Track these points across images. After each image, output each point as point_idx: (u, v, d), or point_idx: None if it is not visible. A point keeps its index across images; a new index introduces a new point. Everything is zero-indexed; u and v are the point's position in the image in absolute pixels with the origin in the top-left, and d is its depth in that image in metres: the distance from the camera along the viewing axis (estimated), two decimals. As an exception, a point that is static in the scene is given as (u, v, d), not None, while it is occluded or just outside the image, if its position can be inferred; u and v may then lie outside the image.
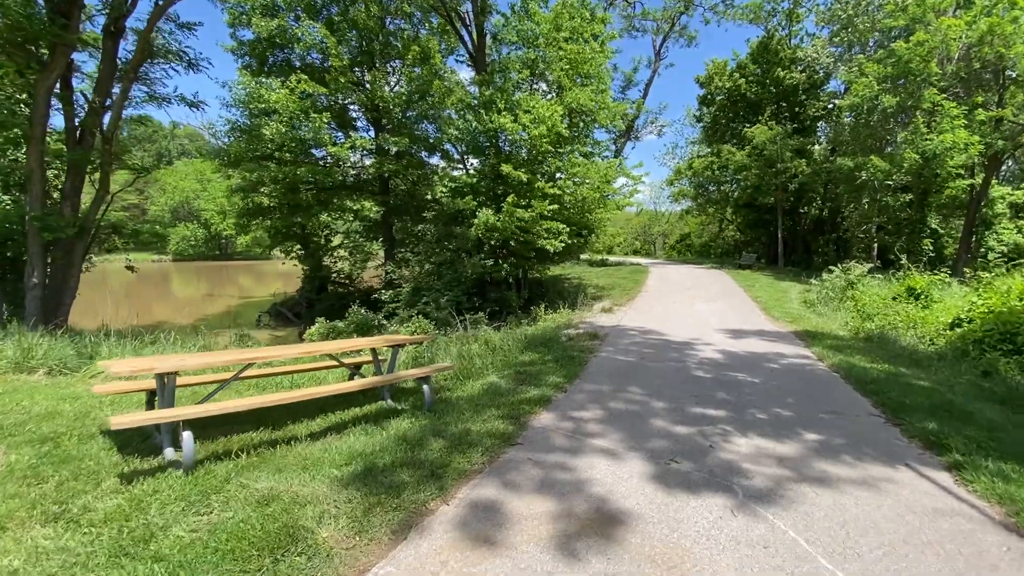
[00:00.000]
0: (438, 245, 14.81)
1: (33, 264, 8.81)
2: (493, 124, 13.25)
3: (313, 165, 16.00)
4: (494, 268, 13.93)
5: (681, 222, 57.55)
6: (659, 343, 8.99)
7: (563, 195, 14.10)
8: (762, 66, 27.51)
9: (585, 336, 9.43)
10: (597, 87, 15.43)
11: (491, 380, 6.26)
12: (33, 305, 9.05)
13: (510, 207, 13.04)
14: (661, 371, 6.91)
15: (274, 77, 15.81)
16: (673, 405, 5.39)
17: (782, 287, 18.56)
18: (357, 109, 18.43)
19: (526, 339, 8.92)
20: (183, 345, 7.73)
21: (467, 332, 9.43)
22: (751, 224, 31.71)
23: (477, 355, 7.24)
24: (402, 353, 7.03)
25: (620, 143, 30.65)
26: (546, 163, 14.28)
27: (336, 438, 4.38)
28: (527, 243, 13.81)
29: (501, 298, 14.63)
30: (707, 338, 9.52)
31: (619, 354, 8.00)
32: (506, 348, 8.02)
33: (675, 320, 11.61)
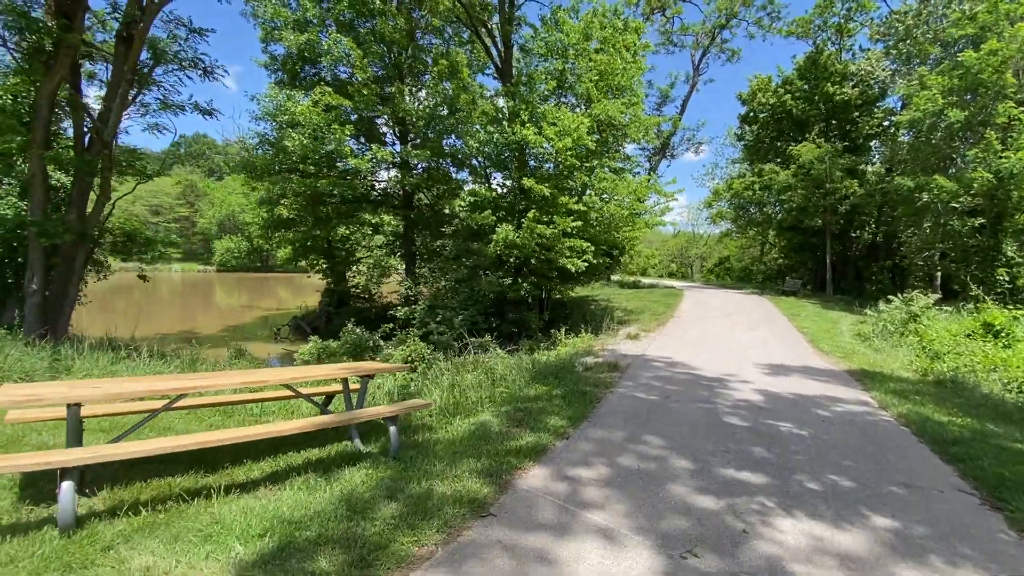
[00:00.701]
0: (455, 261, 14.14)
1: (33, 270, 8.59)
2: (516, 136, 12.58)
3: (335, 178, 15.72)
4: (512, 287, 13.11)
5: (720, 245, 55.50)
6: (687, 378, 7.88)
7: (589, 212, 13.22)
8: (810, 81, 26.04)
9: (604, 367, 8.42)
10: (629, 100, 14.60)
11: (483, 419, 5.37)
12: (32, 312, 8.80)
13: (531, 223, 12.25)
14: (687, 415, 5.85)
15: (302, 91, 15.72)
16: (698, 464, 4.36)
17: (831, 317, 16.92)
18: (384, 123, 18.20)
19: (535, 368, 7.99)
20: (165, 360, 7.20)
21: (472, 356, 8.59)
22: (796, 248, 29.81)
23: (472, 387, 6.36)
24: (386, 383, 6.24)
25: (655, 160, 29.57)
26: (572, 178, 13.47)
27: (271, 491, 3.59)
28: (549, 262, 12.95)
29: (520, 319, 13.77)
30: (744, 374, 8.34)
31: (639, 390, 6.97)
32: (510, 379, 7.12)
33: (708, 351, 10.42)
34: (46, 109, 7.87)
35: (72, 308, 9.20)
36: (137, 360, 6.82)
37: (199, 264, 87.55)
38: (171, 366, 6.87)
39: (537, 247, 12.61)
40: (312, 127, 14.85)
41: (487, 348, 9.46)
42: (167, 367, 6.77)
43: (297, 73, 17.93)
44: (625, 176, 14.70)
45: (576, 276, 14.32)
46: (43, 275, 8.68)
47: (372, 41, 15.53)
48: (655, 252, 74.08)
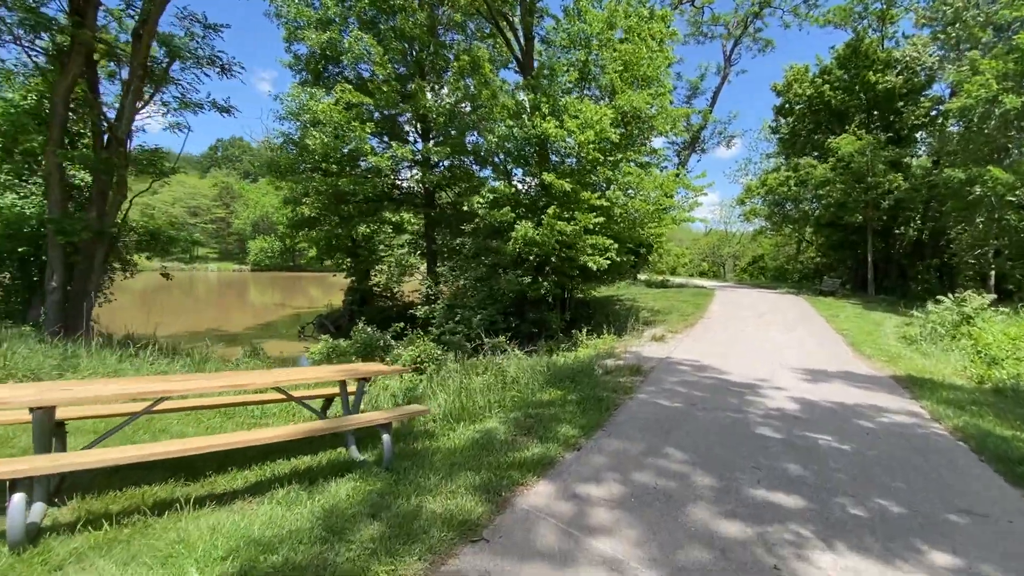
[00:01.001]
0: (474, 260, 13.84)
1: (52, 268, 8.69)
2: (536, 130, 12.18)
3: (356, 176, 15.65)
4: (532, 286, 12.71)
5: (753, 243, 53.78)
6: (715, 384, 7.34)
7: (612, 207, 12.70)
8: (850, 70, 24.71)
9: (625, 370, 7.95)
10: (655, 91, 13.99)
11: (489, 426, 5.02)
12: (53, 309, 8.92)
13: (550, 220, 11.83)
14: (714, 425, 5.36)
15: (324, 90, 15.71)
16: (724, 482, 3.90)
17: (874, 318, 15.90)
18: (406, 120, 18.07)
19: (551, 371, 7.59)
20: (173, 359, 7.11)
21: (486, 357, 8.26)
22: (834, 246, 28.41)
23: (482, 390, 6.02)
24: (392, 385, 5.95)
25: (684, 155, 28.62)
26: (595, 173, 12.98)
27: (249, 504, 3.32)
28: (570, 260, 12.51)
29: (540, 319, 13.36)
30: (778, 379, 7.73)
31: (662, 397, 6.49)
32: (523, 382, 6.75)
33: (739, 354, 9.80)
34: (61, 107, 7.95)
35: (92, 305, 9.30)
36: (144, 358, 6.74)
37: (234, 264, 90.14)
38: (177, 365, 6.77)
39: (557, 244, 12.18)
40: (333, 125, 14.80)
41: (502, 349, 9.10)
42: (172, 366, 6.67)
43: (320, 73, 17.97)
44: (651, 170, 14.09)
45: (598, 275, 13.83)
46: (63, 273, 8.78)
47: (392, 38, 15.40)
48: (685, 251, 72.45)
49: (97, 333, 11.94)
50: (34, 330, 9.17)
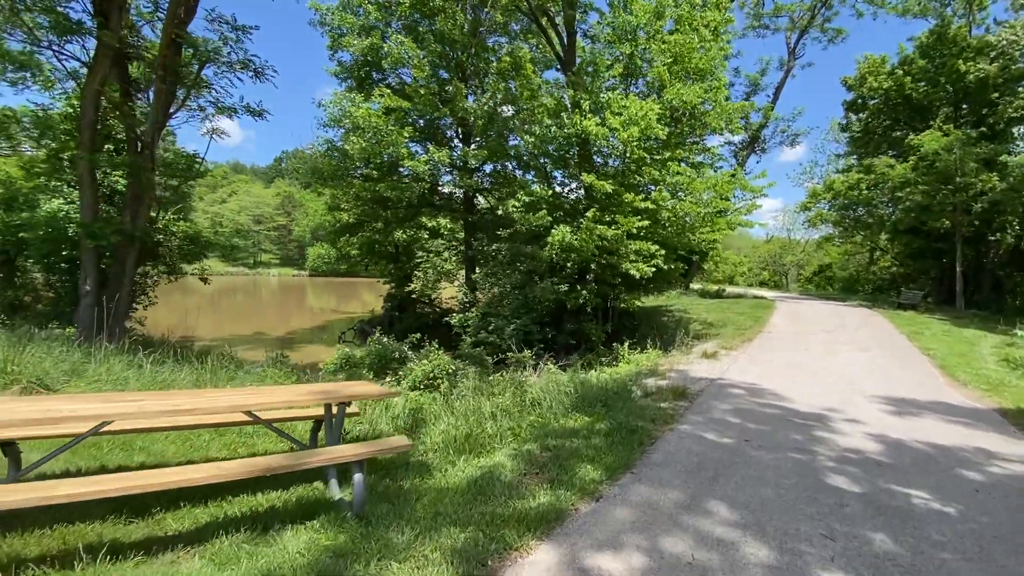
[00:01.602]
0: (509, 267, 13.19)
1: (86, 271, 8.79)
2: (576, 129, 11.41)
3: (395, 182, 15.44)
4: (570, 295, 11.88)
5: (819, 251, 50.19)
6: (775, 415, 6.26)
7: (659, 210, 11.67)
8: (935, 59, 22.25)
9: (668, 393, 7.00)
10: (709, 85, 12.87)
11: (495, 461, 4.29)
12: (86, 313, 9.02)
13: (589, 223, 10.98)
14: (772, 471, 4.38)
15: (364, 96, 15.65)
16: (785, 557, 2.98)
17: (966, 337, 13.88)
18: (447, 125, 17.76)
19: (581, 391, 6.76)
20: (184, 367, 6.86)
21: (510, 372, 7.54)
22: (915, 254, 25.63)
23: (495, 415, 5.30)
24: (396, 406, 5.34)
25: (742, 155, 26.75)
26: (640, 173, 12.02)
27: (181, 556, 2.75)
28: (611, 267, 11.60)
29: (579, 330, 12.49)
30: (853, 410, 6.54)
31: (709, 429, 5.52)
32: (546, 404, 5.97)
33: (804, 377, 8.55)
34: (91, 111, 8.03)
35: (126, 309, 9.37)
36: (147, 367, 6.50)
37: (294, 269, 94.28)
38: (183, 374, 6.49)
39: (597, 250, 11.31)
40: (372, 130, 14.63)
41: (525, 364, 8.35)
42: (178, 375, 6.40)
43: (364, 80, 18.00)
44: (704, 171, 12.93)
45: (644, 283, 12.82)
46: (95, 276, 8.87)
47: (431, 40, 15.11)
48: (744, 259, 68.89)
49: (130, 337, 12.24)
50: (74, 333, 9.37)
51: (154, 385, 5.93)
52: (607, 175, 12.61)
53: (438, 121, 17.25)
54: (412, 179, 15.56)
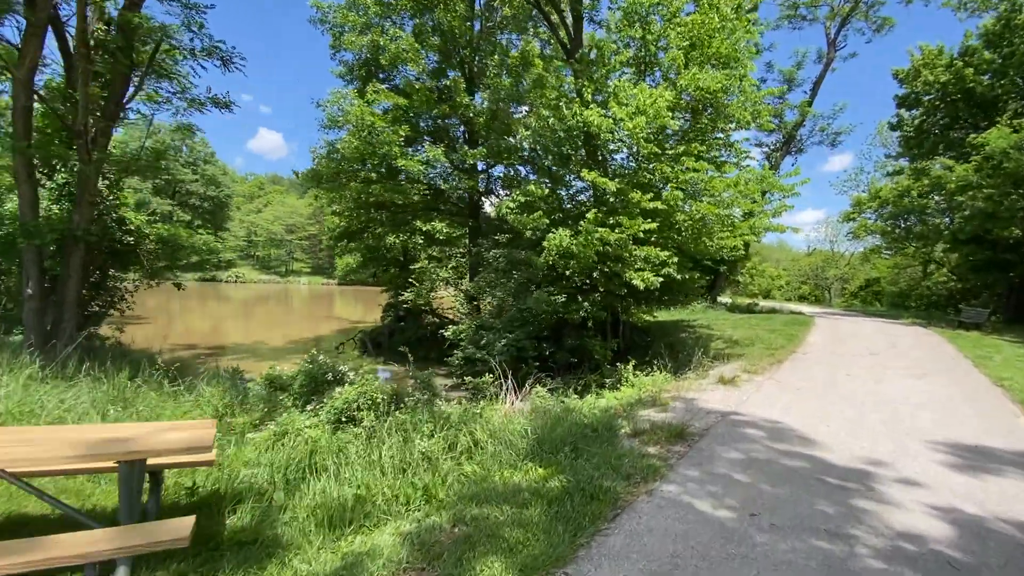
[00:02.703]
0: (505, 275, 11.93)
1: (27, 273, 8.04)
2: (576, 119, 10.12)
3: (390, 184, 14.49)
4: (569, 307, 10.52)
5: (866, 264, 46.93)
6: (800, 469, 4.74)
7: (672, 212, 10.19)
8: (1001, 48, 19.87)
9: (663, 432, 5.55)
10: (733, 72, 11.33)
11: (375, 544, 3.01)
12: (31, 318, 8.26)
13: (589, 226, 9.62)
14: (788, 571, 2.92)
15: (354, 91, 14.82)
16: None
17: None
18: (454, 124, 16.77)
19: (552, 426, 5.41)
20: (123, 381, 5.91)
21: (486, 399, 6.27)
22: (978, 267, 22.90)
23: (406, 466, 4.01)
24: (286, 446, 4.12)
25: (777, 157, 24.63)
26: (651, 171, 10.61)
27: None
28: (616, 275, 10.18)
29: (580, 347, 11.07)
30: (909, 464, 4.94)
31: (704, 492, 4.07)
32: (491, 450, 4.65)
33: (843, 412, 6.90)
34: (23, 97, 7.32)
35: (73, 314, 8.56)
36: (52, 384, 5.56)
37: (323, 277, 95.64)
38: (105, 390, 5.54)
39: (598, 256, 9.92)
40: (367, 129, 13.76)
41: (483, 390, 7.04)
42: (83, 394, 5.40)
43: (366, 79, 17.24)
44: (726, 169, 11.35)
45: (657, 296, 11.32)
46: (38, 278, 8.12)
47: (429, 33, 14.16)
48: (782, 272, 65.60)
49: (103, 344, 11.54)
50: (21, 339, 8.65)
51: (24, 406, 4.92)
52: (617, 175, 11.24)
53: (443, 121, 16.29)
54: (408, 181, 14.56)
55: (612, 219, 9.83)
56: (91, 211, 8.30)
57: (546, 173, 12.73)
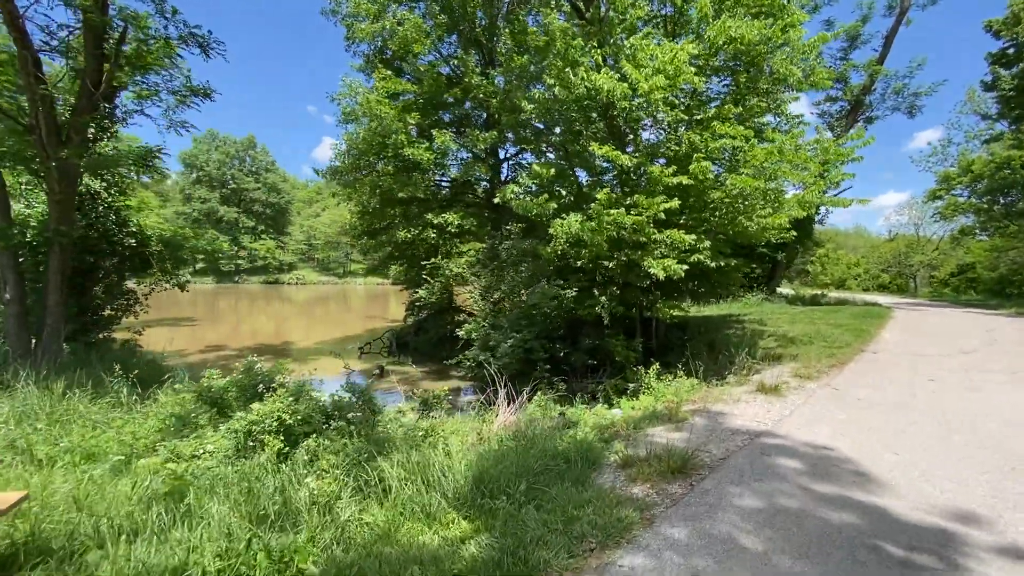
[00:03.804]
0: (513, 268, 10.77)
1: (5, 279, 7.80)
2: (584, 87, 8.79)
3: (403, 176, 13.71)
4: (582, 302, 9.21)
5: (958, 248, 41.69)
6: (848, 526, 3.30)
7: (703, 188, 8.61)
8: None
9: (660, 463, 4.26)
10: (777, 21, 9.52)
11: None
12: (10, 323, 8.08)
13: (600, 209, 8.28)
14: None
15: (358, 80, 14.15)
16: None
17: None
18: (470, 109, 15.78)
19: (520, 452, 4.27)
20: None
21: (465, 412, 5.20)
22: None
23: (298, 511, 3.00)
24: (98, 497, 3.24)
25: (841, 126, 21.66)
26: (677, 140, 9.08)
27: None
28: (634, 264, 8.75)
29: (599, 348, 9.72)
30: (1013, 518, 3.37)
31: (685, 570, 2.78)
32: (408, 493, 3.55)
33: (919, 435, 5.23)
34: None
35: (57, 319, 8.30)
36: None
37: (379, 278, 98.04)
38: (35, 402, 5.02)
39: (612, 243, 8.56)
40: (377, 118, 13.04)
41: (432, 404, 5.90)
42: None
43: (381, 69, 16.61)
44: (768, 134, 9.54)
45: (683, 286, 9.78)
46: (15, 281, 7.91)
47: (437, 11, 13.21)
48: (860, 260, 60.05)
49: (105, 348, 11.46)
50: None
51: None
52: (643, 150, 9.79)
53: (458, 108, 15.31)
54: (420, 171, 13.69)
55: (630, 199, 8.43)
56: (60, 211, 7.96)
57: (557, 152, 11.39)
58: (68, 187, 8.20)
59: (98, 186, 10.19)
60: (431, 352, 16.23)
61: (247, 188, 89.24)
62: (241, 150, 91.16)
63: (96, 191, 10.11)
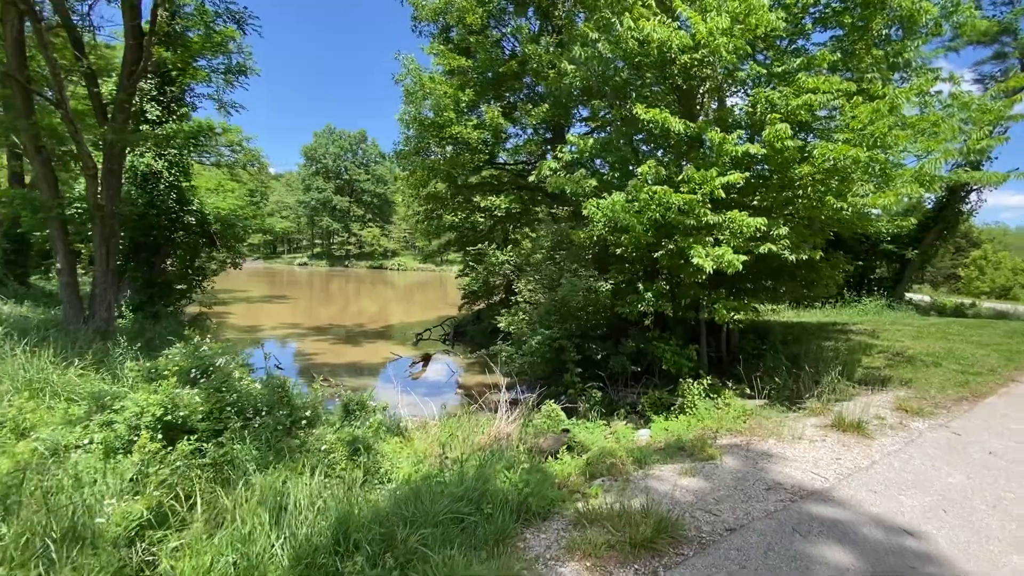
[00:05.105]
0: (549, 257, 9.50)
1: (56, 249, 8.29)
2: (631, 39, 7.26)
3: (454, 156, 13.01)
4: (622, 297, 7.74)
5: None
6: None
7: (784, 158, 6.69)
8: None
9: (625, 532, 2.97)
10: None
11: None
12: (63, 291, 8.60)
13: (642, 187, 6.77)
14: None
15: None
16: None
17: None
18: (532, 83, 14.61)
19: (444, 486, 3.23)
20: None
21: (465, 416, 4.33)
22: None
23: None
24: None
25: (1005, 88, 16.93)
26: (750, 98, 7.23)
27: None
28: (680, 254, 7.08)
29: (645, 352, 8.16)
30: None
31: None
32: (311, 511, 2.69)
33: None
34: (15, 68, 7.35)
35: (104, 289, 8.70)
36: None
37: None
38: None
39: (657, 227, 6.99)
40: (426, 94, 12.48)
41: (353, 411, 4.85)
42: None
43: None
44: (880, 89, 7.18)
45: (755, 283, 7.88)
46: (65, 253, 8.35)
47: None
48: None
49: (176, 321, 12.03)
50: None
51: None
52: (721, 119, 8.04)
53: (517, 80, 14.12)
54: (470, 151, 12.84)
55: (682, 174, 6.81)
56: (106, 187, 8.24)
57: (601, 121, 9.82)
58: (113, 163, 8.52)
59: (160, 166, 10.74)
60: (486, 342, 15.50)
61: (358, 179, 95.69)
62: (354, 143, 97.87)
63: (158, 170, 10.67)
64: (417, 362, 12.96)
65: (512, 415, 6.21)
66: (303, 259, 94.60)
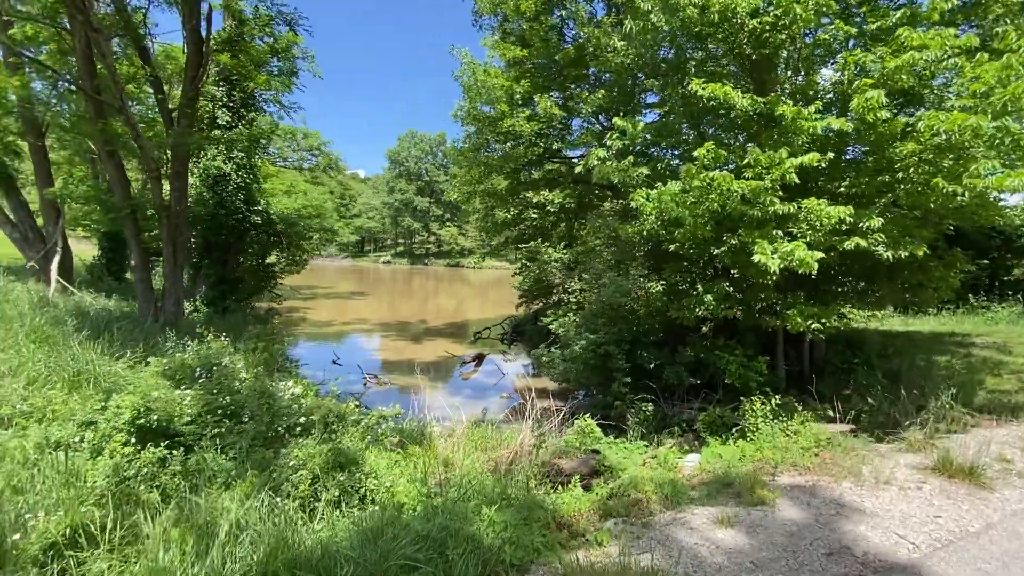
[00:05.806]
0: (599, 255, 8.67)
1: (130, 246, 8.90)
2: (690, 5, 6.31)
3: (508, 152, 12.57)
4: (677, 300, 6.80)
5: None
6: None
7: (879, 133, 5.45)
8: None
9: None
10: None
11: None
12: (138, 287, 9.24)
13: (694, 172, 5.85)
14: None
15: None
16: None
17: None
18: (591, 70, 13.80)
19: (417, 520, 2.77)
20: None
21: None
22: None
23: None
24: None
25: None
26: (831, 67, 6.03)
27: None
28: (744, 250, 6.04)
29: (704, 363, 7.15)
30: None
31: None
32: (246, 543, 2.36)
33: None
34: (86, 78, 7.89)
35: (172, 285, 9.24)
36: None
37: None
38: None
39: (711, 220, 6.02)
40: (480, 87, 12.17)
41: (331, 426, 4.38)
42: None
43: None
44: (1011, 39, 5.62)
45: (842, 286, 6.60)
46: (138, 250, 8.94)
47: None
48: None
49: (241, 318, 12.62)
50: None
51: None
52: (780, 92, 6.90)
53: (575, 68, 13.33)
54: (525, 146, 12.30)
55: (738, 156, 5.82)
56: (175, 188, 8.74)
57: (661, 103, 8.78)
58: (179, 165, 9.03)
59: (229, 168, 11.34)
60: (542, 343, 14.97)
61: (437, 180, 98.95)
62: (434, 146, 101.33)
63: (227, 172, 11.28)
64: (468, 362, 12.68)
65: (542, 428, 5.62)
66: (387, 257, 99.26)
